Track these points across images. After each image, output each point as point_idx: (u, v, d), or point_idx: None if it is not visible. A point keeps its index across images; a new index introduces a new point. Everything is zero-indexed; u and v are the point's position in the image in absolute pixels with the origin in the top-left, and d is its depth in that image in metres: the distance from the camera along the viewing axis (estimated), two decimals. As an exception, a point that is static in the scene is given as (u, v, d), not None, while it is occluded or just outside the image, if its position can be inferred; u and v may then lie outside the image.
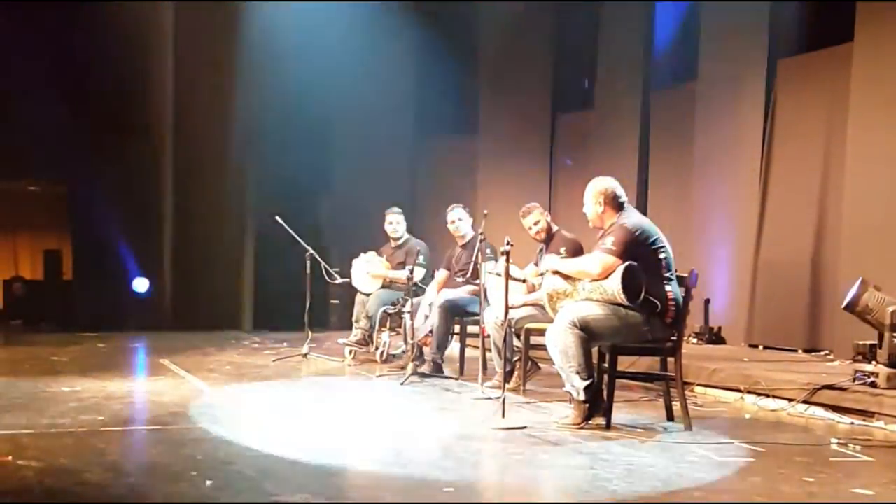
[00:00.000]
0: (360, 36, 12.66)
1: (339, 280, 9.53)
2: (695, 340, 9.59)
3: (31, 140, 13.09)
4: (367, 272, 9.02)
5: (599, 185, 5.81)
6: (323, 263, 9.25)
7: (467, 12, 12.92)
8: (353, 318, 9.09)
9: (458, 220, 8.32)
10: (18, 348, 9.93)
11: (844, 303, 6.62)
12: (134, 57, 12.47)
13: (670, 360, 5.78)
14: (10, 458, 4.41)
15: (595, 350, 5.70)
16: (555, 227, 7.31)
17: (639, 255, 5.49)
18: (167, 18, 12.53)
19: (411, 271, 8.02)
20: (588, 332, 5.46)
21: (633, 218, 5.72)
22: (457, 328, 8.18)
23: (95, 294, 12.75)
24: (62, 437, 4.97)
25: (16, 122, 12.87)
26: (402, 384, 7.35)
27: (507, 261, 5.92)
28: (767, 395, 6.61)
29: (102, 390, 6.72)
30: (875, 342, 6.53)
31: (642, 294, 5.42)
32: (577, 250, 6.80)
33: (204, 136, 12.59)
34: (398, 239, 9.13)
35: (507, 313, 6.06)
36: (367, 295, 8.98)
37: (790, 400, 6.41)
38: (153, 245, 12.89)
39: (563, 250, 6.70)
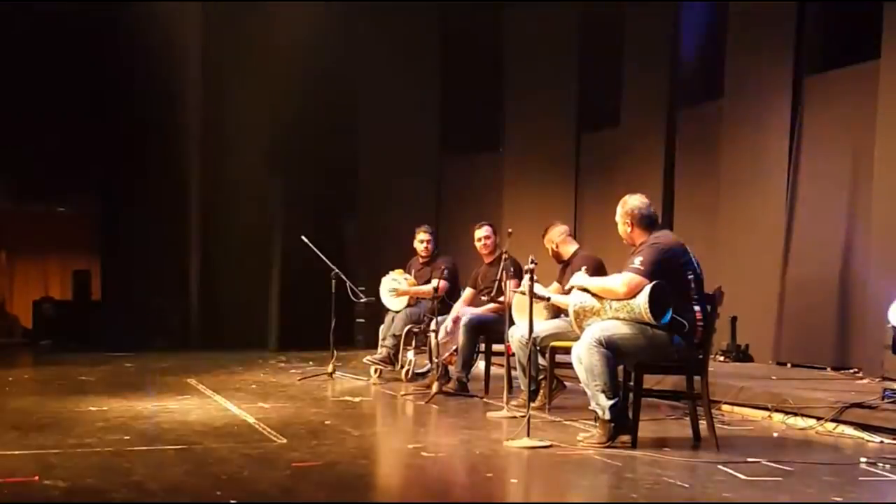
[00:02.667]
0: (385, 54, 12.75)
1: (363, 299, 9.55)
2: (722, 358, 9.53)
3: (61, 162, 13.27)
4: (393, 290, 9.02)
5: (626, 206, 5.82)
6: (348, 282, 9.27)
7: (492, 31, 12.96)
8: (380, 337, 9.09)
9: (485, 238, 8.35)
10: (47, 368, 10.01)
11: None
12: (161, 78, 12.61)
13: (697, 378, 5.75)
14: (36, 477, 4.44)
15: (621, 368, 5.68)
16: (572, 248, 7.31)
17: (667, 275, 5.47)
18: (194, 38, 12.65)
19: (436, 288, 8.03)
20: (614, 351, 5.44)
21: (662, 238, 5.70)
22: (482, 346, 8.18)
23: (124, 314, 12.87)
24: (89, 457, 4.99)
25: (45, 145, 13.05)
26: (426, 402, 7.35)
27: (532, 279, 5.91)
28: (796, 414, 6.55)
29: (129, 410, 6.76)
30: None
31: (670, 313, 5.40)
32: (597, 268, 6.80)
33: (231, 156, 12.69)
34: (426, 257, 9.13)
35: (531, 331, 6.04)
36: (396, 312, 8.99)
37: (819, 418, 6.34)
38: (180, 265, 12.98)
39: (584, 268, 6.69)
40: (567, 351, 6.00)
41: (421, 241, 9.13)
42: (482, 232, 8.38)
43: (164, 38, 12.30)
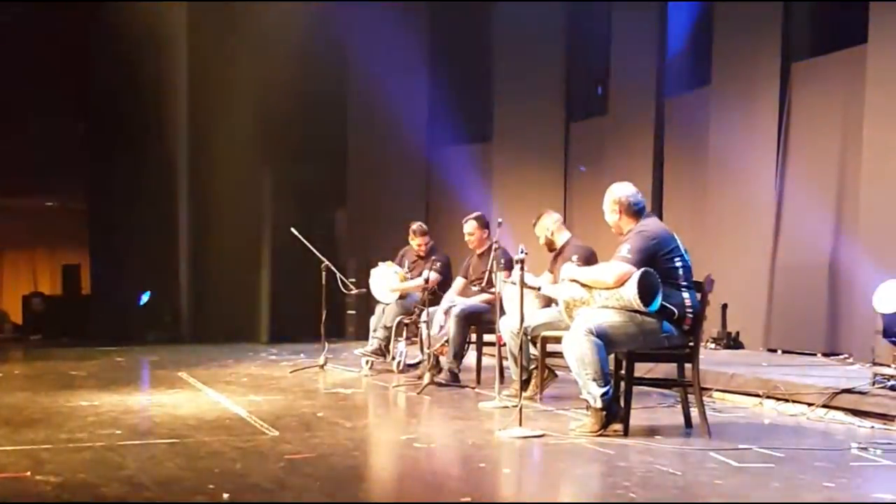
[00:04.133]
0: (374, 46, 12.71)
1: (354, 291, 9.53)
2: (713, 346, 9.55)
3: (50, 157, 13.23)
4: (384, 286, 8.98)
5: (614, 194, 5.83)
6: (338, 274, 9.26)
7: (480, 21, 12.94)
8: (371, 328, 9.08)
9: (469, 235, 8.34)
10: (38, 363, 9.98)
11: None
12: (149, 70, 12.56)
13: (688, 366, 5.76)
14: (28, 473, 4.42)
15: (612, 357, 5.69)
16: (565, 237, 7.31)
17: (654, 262, 5.48)
18: (181, 29, 12.61)
19: (427, 280, 8.02)
20: (604, 339, 5.44)
21: (649, 226, 5.70)
22: (473, 337, 8.18)
23: (114, 308, 12.85)
24: (80, 452, 4.97)
25: (34, 139, 13.01)
26: (418, 393, 7.35)
27: (522, 269, 5.91)
28: (786, 400, 6.57)
29: (120, 404, 6.74)
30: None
31: (659, 300, 5.40)
32: (588, 258, 6.81)
33: (219, 149, 12.65)
34: (423, 256, 9.08)
35: (522, 321, 6.04)
36: (387, 304, 8.97)
37: (809, 404, 6.36)
38: (170, 258, 12.95)
39: (574, 258, 6.69)
40: (558, 340, 6.00)
41: (419, 244, 9.08)
42: (466, 228, 8.38)
43: (149, 29, 12.26)
